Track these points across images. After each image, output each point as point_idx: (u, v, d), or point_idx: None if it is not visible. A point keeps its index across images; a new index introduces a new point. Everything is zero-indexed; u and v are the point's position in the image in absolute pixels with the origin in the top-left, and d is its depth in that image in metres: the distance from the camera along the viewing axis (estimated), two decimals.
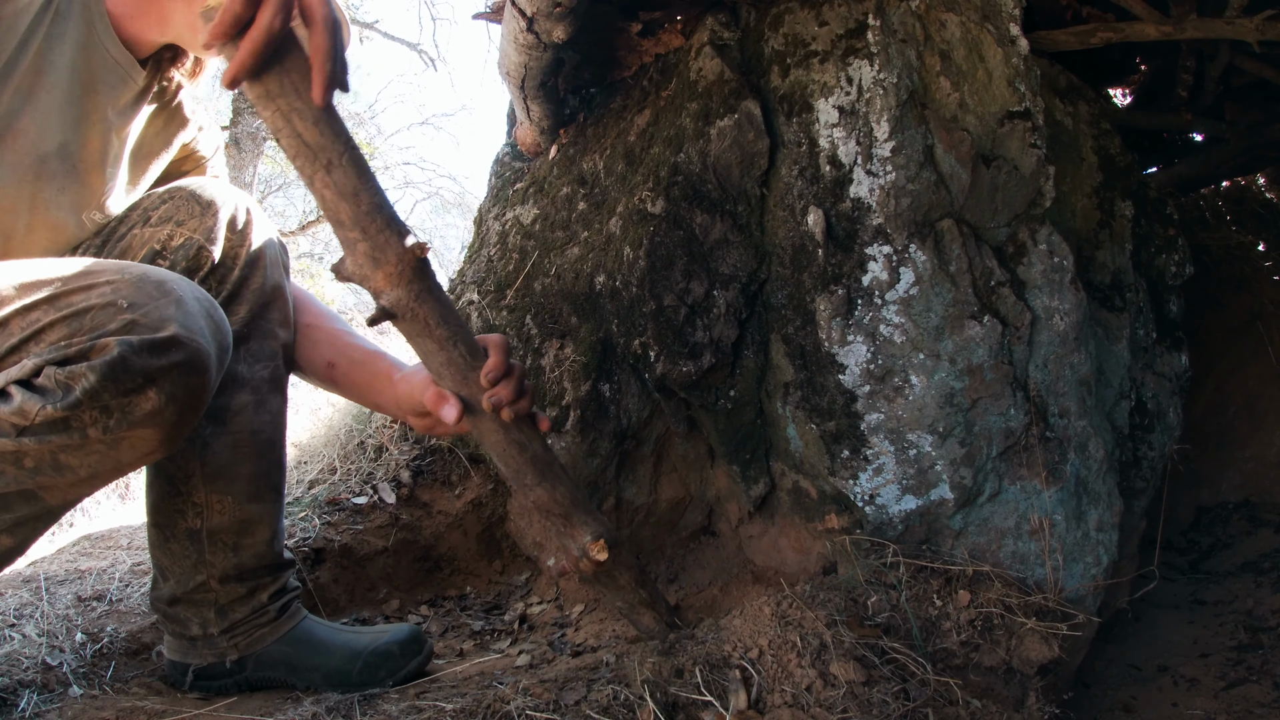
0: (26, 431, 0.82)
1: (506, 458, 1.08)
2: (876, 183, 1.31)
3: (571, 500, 1.13)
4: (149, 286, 0.86)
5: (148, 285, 0.86)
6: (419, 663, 1.23)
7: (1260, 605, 1.86)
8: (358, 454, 1.92)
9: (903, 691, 1.04)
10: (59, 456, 0.84)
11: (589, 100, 1.83)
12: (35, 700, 1.10)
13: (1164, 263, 1.81)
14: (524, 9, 1.34)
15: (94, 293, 0.85)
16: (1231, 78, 2.23)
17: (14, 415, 0.82)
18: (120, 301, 0.84)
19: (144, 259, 1.11)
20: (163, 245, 1.11)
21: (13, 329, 0.84)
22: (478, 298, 1.78)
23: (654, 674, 0.99)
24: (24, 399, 0.82)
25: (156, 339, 0.83)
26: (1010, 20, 1.40)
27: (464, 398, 1.01)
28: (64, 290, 0.85)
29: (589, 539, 1.12)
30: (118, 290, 0.85)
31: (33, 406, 0.81)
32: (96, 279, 0.86)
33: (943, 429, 1.29)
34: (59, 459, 0.85)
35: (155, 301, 0.85)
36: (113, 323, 0.83)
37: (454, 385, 1.01)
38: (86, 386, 0.81)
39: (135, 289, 0.85)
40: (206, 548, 1.17)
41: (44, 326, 0.84)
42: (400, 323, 0.95)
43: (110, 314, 0.83)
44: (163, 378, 0.84)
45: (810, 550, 1.45)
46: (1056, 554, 1.31)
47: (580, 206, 1.69)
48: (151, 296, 0.85)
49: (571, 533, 1.14)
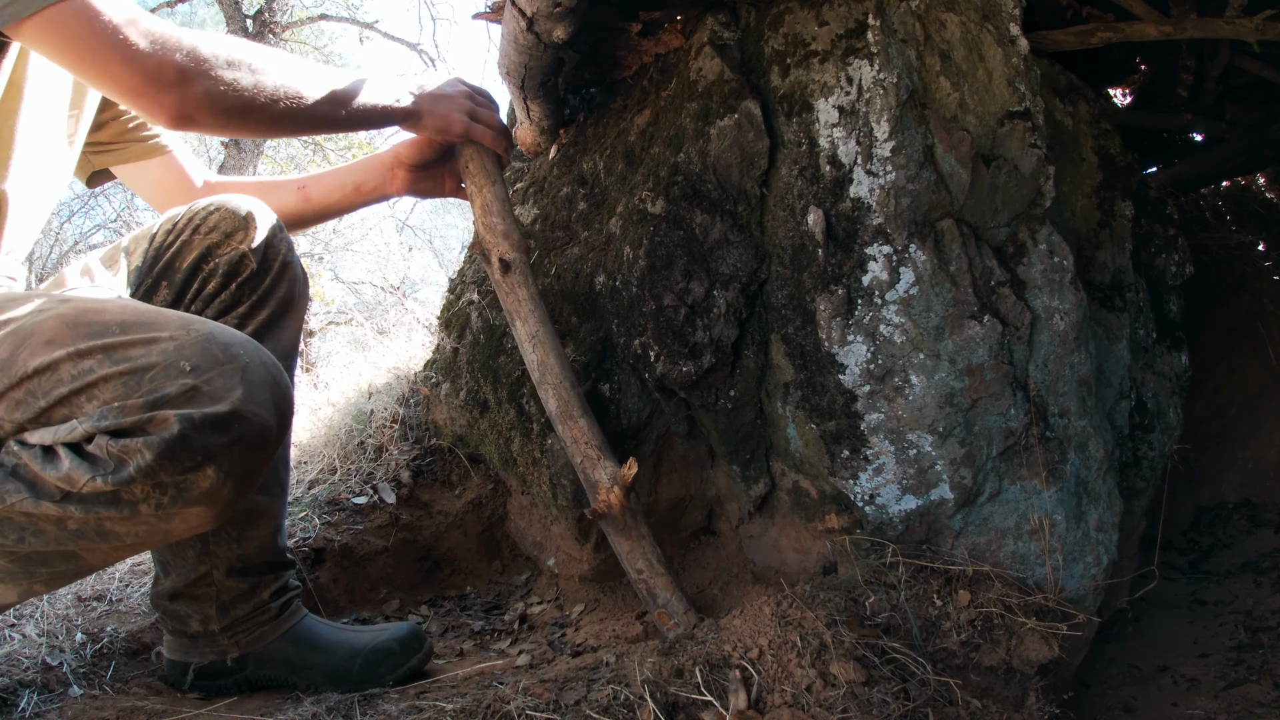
0: (72, 499, 0.78)
1: (561, 390, 1.32)
2: (876, 183, 1.31)
3: (603, 439, 1.31)
4: (214, 349, 0.81)
5: (213, 348, 0.81)
6: (419, 660, 1.24)
7: (1260, 605, 1.86)
8: (358, 454, 1.92)
9: (903, 691, 1.04)
10: (105, 525, 0.80)
11: (589, 100, 1.83)
12: (35, 700, 1.10)
13: (1164, 263, 1.81)
14: (524, 9, 1.34)
15: (155, 349, 0.79)
16: (1231, 78, 2.23)
17: (61, 481, 0.77)
18: (183, 364, 0.79)
19: (193, 261, 1.17)
20: (209, 250, 1.17)
21: (62, 375, 0.79)
22: (478, 298, 1.78)
23: (654, 674, 1.00)
24: (72, 466, 0.77)
25: (218, 413, 0.78)
26: (1010, 20, 1.40)
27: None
28: (122, 340, 0.80)
29: (618, 466, 1.27)
30: (180, 349, 0.79)
31: (81, 477, 0.77)
32: (158, 332, 0.81)
33: (943, 429, 1.29)
34: (105, 527, 0.80)
35: (220, 367, 0.80)
36: (172, 387, 0.77)
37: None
38: (141, 464, 0.76)
39: (199, 350, 0.80)
40: (211, 538, 1.18)
41: (98, 380, 0.78)
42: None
43: (170, 376, 0.78)
44: (222, 455, 0.79)
45: (810, 550, 1.45)
46: (1056, 554, 1.31)
47: (580, 206, 1.69)
48: (216, 361, 0.80)
49: (603, 463, 1.28)
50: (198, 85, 0.92)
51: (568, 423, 1.31)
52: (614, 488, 1.26)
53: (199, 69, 0.92)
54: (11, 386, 0.80)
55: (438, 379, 1.87)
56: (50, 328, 0.82)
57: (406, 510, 1.77)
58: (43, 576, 0.86)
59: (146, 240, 1.20)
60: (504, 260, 1.34)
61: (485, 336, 1.70)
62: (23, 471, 0.79)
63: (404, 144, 1.41)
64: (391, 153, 1.41)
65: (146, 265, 1.18)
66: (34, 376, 0.80)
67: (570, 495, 1.52)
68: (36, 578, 0.86)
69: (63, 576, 0.88)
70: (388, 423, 1.97)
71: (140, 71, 0.88)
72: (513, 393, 1.60)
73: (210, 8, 10.72)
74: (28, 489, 0.78)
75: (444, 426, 1.89)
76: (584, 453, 1.30)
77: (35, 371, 0.80)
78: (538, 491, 1.62)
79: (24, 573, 0.84)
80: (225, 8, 8.33)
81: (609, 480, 1.27)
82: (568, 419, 1.31)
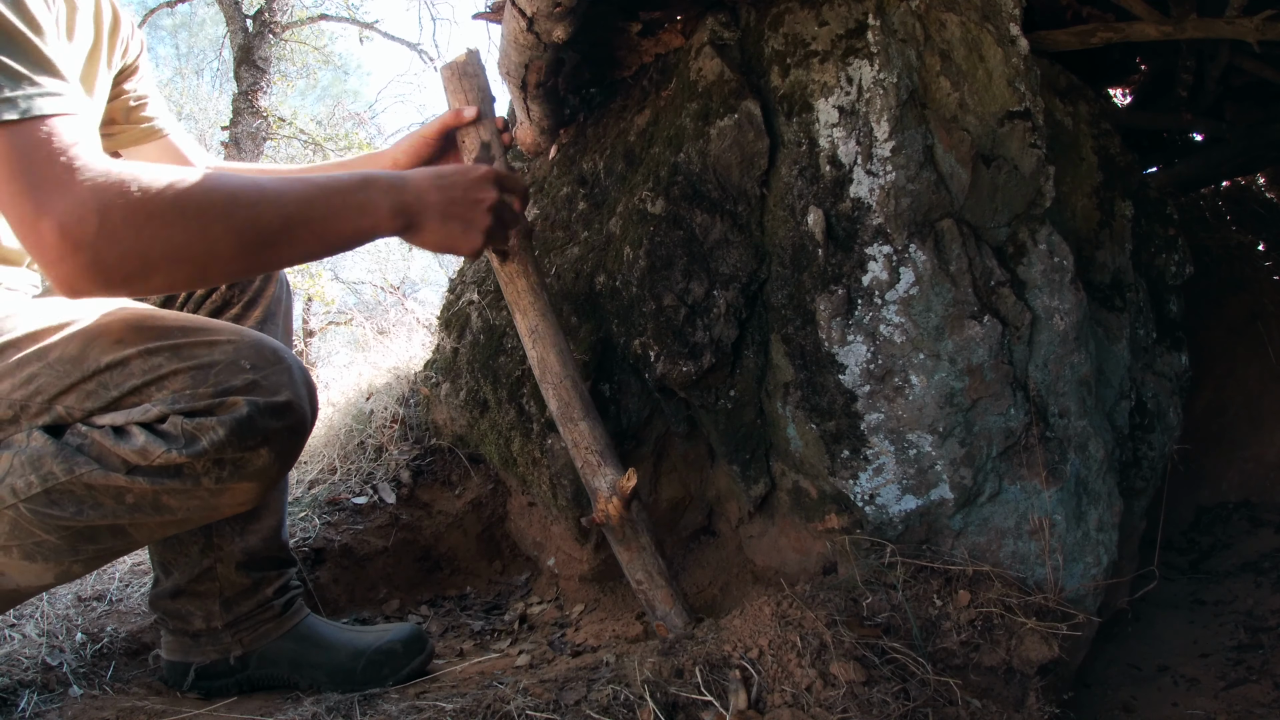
0: (139, 471, 0.85)
1: (562, 390, 1.27)
2: (876, 183, 1.31)
3: (605, 442, 1.27)
4: (266, 352, 0.91)
5: (265, 351, 0.91)
6: (421, 661, 1.24)
7: (1260, 605, 1.86)
8: (358, 454, 1.92)
9: (903, 691, 1.04)
10: (162, 498, 0.87)
11: (589, 100, 1.83)
12: (35, 700, 1.10)
13: (1164, 263, 1.81)
14: (524, 9, 1.34)
15: (217, 350, 0.89)
16: (1231, 78, 2.23)
17: (134, 454, 0.84)
18: (243, 362, 0.89)
19: None
20: None
21: (133, 370, 0.86)
22: (478, 298, 1.78)
23: (654, 674, 1.00)
24: (148, 440, 0.84)
25: (276, 402, 0.88)
26: (1010, 20, 1.40)
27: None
28: (186, 342, 0.89)
29: (618, 476, 1.23)
30: (239, 351, 0.89)
31: (156, 449, 0.84)
32: (217, 336, 0.90)
33: (943, 429, 1.29)
34: (161, 500, 0.87)
35: (273, 367, 0.90)
36: (237, 380, 0.87)
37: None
38: (215, 439, 0.85)
39: (255, 352, 0.90)
40: (214, 529, 1.18)
41: (168, 373, 0.86)
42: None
43: (234, 372, 0.88)
44: (276, 438, 0.89)
45: (810, 550, 1.45)
46: (1056, 554, 1.31)
47: (580, 206, 1.69)
48: (270, 361, 0.90)
49: (603, 470, 1.24)
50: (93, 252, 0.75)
51: (568, 425, 1.27)
52: (612, 498, 1.22)
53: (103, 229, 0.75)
54: (84, 379, 0.86)
55: (438, 379, 1.87)
56: (118, 329, 0.89)
57: (406, 510, 1.77)
58: (86, 554, 0.91)
59: None
60: (500, 248, 1.22)
61: (485, 336, 1.70)
62: (90, 448, 0.85)
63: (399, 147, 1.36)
64: (389, 157, 1.36)
65: None
66: (106, 371, 0.86)
67: (570, 496, 1.52)
68: (80, 555, 0.90)
69: (103, 555, 0.93)
70: (388, 423, 1.97)
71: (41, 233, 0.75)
72: (513, 393, 1.60)
73: (210, 8, 10.73)
74: (96, 462, 0.85)
75: (444, 426, 1.89)
76: (584, 458, 1.26)
77: (107, 366, 0.86)
78: (538, 492, 1.62)
79: (69, 549, 0.89)
80: (225, 8, 8.32)
81: (608, 490, 1.23)
82: (568, 421, 1.27)
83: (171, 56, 13.80)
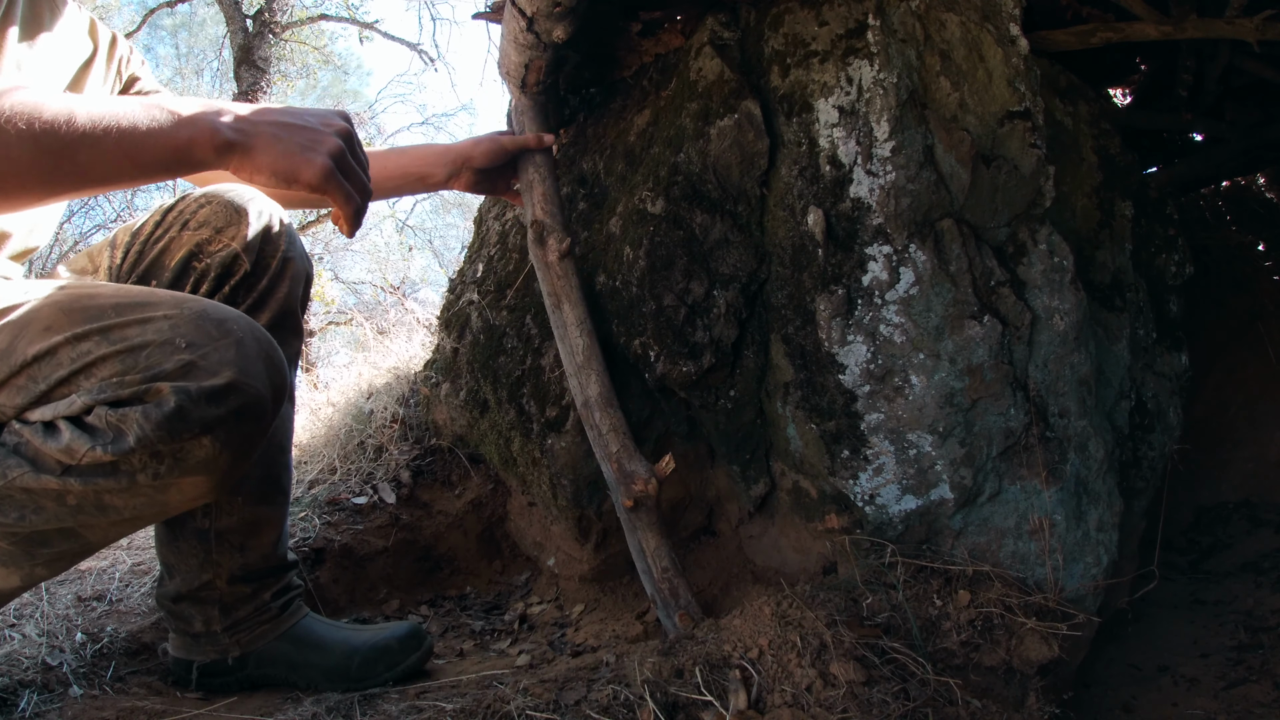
0: (72, 471, 0.78)
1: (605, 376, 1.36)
2: (876, 183, 1.31)
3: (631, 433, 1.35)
4: (208, 325, 0.82)
5: (207, 324, 0.82)
6: (418, 658, 1.24)
7: (1260, 605, 1.86)
8: (358, 454, 1.92)
9: (903, 691, 1.04)
10: (104, 498, 0.81)
11: (589, 100, 1.83)
12: (35, 700, 1.10)
13: (1164, 263, 1.81)
14: (524, 9, 1.34)
15: (150, 327, 0.80)
16: (1231, 78, 2.22)
17: (61, 453, 0.78)
18: (178, 340, 0.80)
19: (181, 260, 1.08)
20: (199, 248, 1.08)
21: (61, 359, 0.80)
22: (478, 298, 1.78)
23: (654, 674, 0.99)
24: (72, 437, 0.78)
25: (214, 386, 0.79)
26: (1010, 20, 1.40)
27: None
28: (118, 322, 0.81)
29: (650, 460, 1.31)
30: (175, 327, 0.81)
31: (80, 446, 0.78)
32: (153, 311, 0.82)
33: (943, 429, 1.29)
34: (103, 500, 0.81)
35: (214, 343, 0.81)
36: (169, 363, 0.79)
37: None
38: (139, 434, 0.77)
39: (194, 327, 0.81)
40: (214, 547, 1.17)
41: (96, 360, 0.79)
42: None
43: (167, 353, 0.79)
44: (219, 426, 0.80)
45: (810, 550, 1.44)
46: (1056, 554, 1.31)
47: (580, 206, 1.69)
48: (210, 337, 0.81)
49: (638, 456, 1.31)
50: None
51: (607, 410, 1.34)
52: (651, 479, 1.28)
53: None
54: (12, 374, 0.81)
55: (438, 379, 1.87)
56: (46, 315, 0.82)
57: (406, 510, 1.77)
58: (44, 558, 0.86)
59: (131, 234, 1.13)
60: (560, 247, 1.41)
61: (485, 336, 1.70)
62: (24, 449, 0.80)
63: (477, 148, 1.40)
64: (461, 154, 1.38)
65: (130, 261, 1.11)
66: (33, 363, 0.81)
67: (570, 496, 1.52)
68: (38, 559, 0.86)
69: (64, 557, 0.88)
70: (388, 423, 1.97)
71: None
72: (513, 393, 1.60)
73: (210, 8, 10.73)
74: (29, 464, 0.79)
75: (444, 426, 1.89)
76: (621, 441, 1.32)
77: (35, 358, 0.80)
78: (538, 492, 1.62)
79: (25, 555, 0.85)
80: (225, 8, 8.33)
81: (646, 472, 1.29)
82: (609, 405, 1.34)
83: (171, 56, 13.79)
